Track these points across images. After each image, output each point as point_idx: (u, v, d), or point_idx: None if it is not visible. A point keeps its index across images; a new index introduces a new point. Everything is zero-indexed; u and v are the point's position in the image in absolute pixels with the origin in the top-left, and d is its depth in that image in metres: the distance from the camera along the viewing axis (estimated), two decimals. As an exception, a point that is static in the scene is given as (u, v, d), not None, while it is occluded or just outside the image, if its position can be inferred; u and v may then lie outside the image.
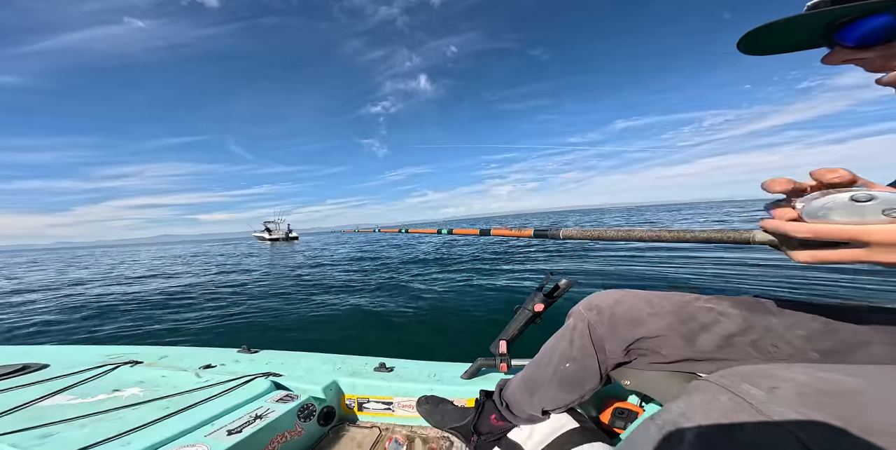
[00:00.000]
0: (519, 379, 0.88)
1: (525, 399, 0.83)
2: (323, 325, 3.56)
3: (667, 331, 0.66)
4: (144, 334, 3.62)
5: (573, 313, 0.79)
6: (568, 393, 0.77)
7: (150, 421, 0.86)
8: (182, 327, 3.78)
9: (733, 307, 0.64)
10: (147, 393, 1.04)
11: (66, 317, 4.65)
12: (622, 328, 0.70)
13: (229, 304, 4.87)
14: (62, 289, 7.60)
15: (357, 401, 1.15)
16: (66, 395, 1.03)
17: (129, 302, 5.44)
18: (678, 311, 0.67)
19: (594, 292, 0.79)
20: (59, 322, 4.39)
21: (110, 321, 4.26)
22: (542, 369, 0.81)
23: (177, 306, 4.93)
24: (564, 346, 0.76)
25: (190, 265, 12.35)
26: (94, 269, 13.34)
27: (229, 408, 0.93)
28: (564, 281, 1.03)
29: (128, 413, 0.92)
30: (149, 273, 10.16)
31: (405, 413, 1.11)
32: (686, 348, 0.65)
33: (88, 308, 5.11)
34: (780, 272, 4.23)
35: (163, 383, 1.12)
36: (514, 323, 1.09)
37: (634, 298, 0.72)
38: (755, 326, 0.60)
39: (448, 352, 2.59)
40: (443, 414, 1.00)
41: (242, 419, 0.87)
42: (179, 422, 0.86)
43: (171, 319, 4.22)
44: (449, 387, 1.11)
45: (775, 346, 0.58)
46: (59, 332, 3.98)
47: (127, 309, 4.93)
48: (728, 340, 0.61)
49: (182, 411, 0.91)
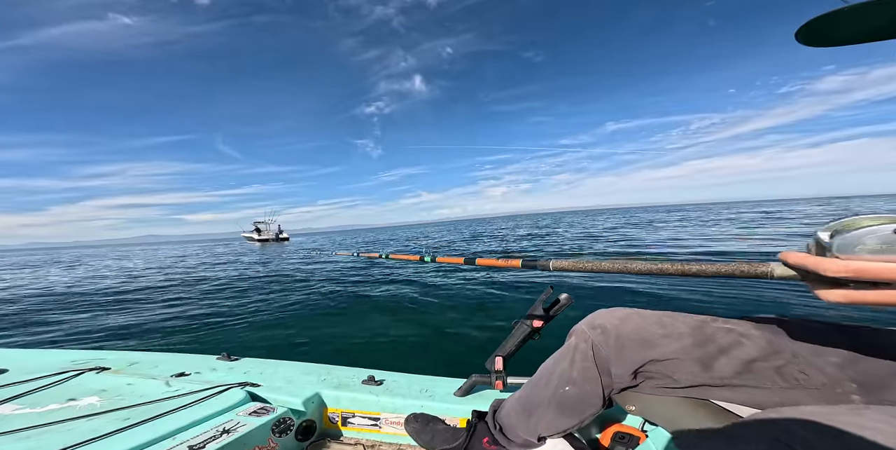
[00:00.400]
0: (515, 400, 0.83)
1: (521, 423, 0.79)
2: (311, 332, 3.44)
3: (680, 354, 0.61)
4: (117, 337, 3.47)
5: (575, 332, 0.75)
6: (567, 418, 0.73)
7: (103, 434, 0.76)
8: (160, 330, 3.64)
9: (756, 329, 0.59)
10: (106, 403, 0.95)
11: (36, 318, 4.48)
12: (630, 350, 0.65)
13: (213, 307, 4.74)
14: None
15: (341, 415, 1.07)
16: (14, 404, 0.93)
17: (109, 303, 5.28)
18: (694, 332, 0.62)
19: (597, 310, 0.75)
20: (21, 324, 4.22)
21: (81, 323, 4.10)
22: (539, 391, 0.76)
23: (158, 308, 4.78)
24: (565, 367, 0.72)
25: (173, 267, 12.07)
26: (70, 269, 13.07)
27: (196, 420, 0.85)
28: (565, 296, 1.00)
29: (80, 425, 0.83)
30: (128, 274, 9.95)
31: (393, 430, 1.03)
32: (701, 373, 0.59)
33: (47, 308, 4.94)
34: (798, 290, 4.17)
35: (127, 392, 1.03)
36: (512, 338, 1.05)
37: (641, 317, 0.68)
38: (781, 350, 0.55)
39: (441, 366, 2.48)
40: (433, 434, 0.93)
41: (208, 434, 0.78)
42: (136, 435, 0.77)
43: (150, 321, 4.07)
44: (441, 404, 1.04)
45: (804, 373, 0.52)
46: (24, 335, 3.81)
47: (105, 310, 4.76)
48: (749, 365, 0.56)
49: (141, 424, 0.82)
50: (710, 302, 3.89)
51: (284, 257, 13.93)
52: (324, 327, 3.62)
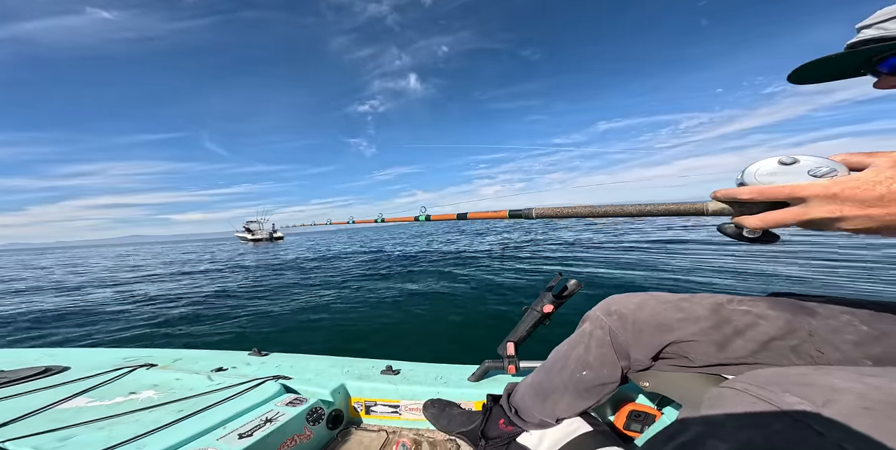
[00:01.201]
0: (528, 384, 0.86)
1: (536, 405, 0.81)
2: (329, 327, 3.59)
3: (698, 337, 0.62)
4: (157, 336, 3.70)
5: (589, 318, 0.75)
6: (584, 400, 0.75)
7: (165, 424, 0.88)
8: (193, 330, 3.86)
9: (772, 309, 0.59)
10: (162, 396, 1.07)
11: (79, 319, 4.78)
12: (648, 335, 0.66)
13: (233, 306, 4.93)
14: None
15: (364, 404, 1.15)
16: (85, 397, 1.06)
17: (133, 303, 5.56)
18: (711, 315, 0.63)
19: (612, 295, 0.75)
20: (68, 324, 4.52)
21: (113, 324, 4.37)
22: (554, 375, 0.78)
23: (184, 309, 5.02)
24: (580, 352, 0.73)
25: (169, 267, 12.35)
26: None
27: (240, 411, 0.95)
28: (573, 282, 1.01)
29: (144, 416, 0.94)
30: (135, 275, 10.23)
31: (412, 416, 1.11)
32: (717, 353, 0.61)
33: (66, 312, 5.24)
34: (807, 264, 4.10)
35: (177, 386, 1.14)
36: (523, 324, 1.07)
37: (657, 301, 0.68)
38: (797, 329, 0.56)
39: (455, 354, 2.59)
40: (450, 418, 1.00)
41: (253, 423, 0.89)
42: (192, 425, 0.88)
43: (180, 321, 4.30)
44: (456, 390, 1.11)
45: (820, 351, 0.53)
46: (72, 334, 4.10)
47: (135, 311, 5.04)
48: (766, 344, 0.57)
49: (195, 414, 0.93)
50: (726, 285, 3.88)
51: (281, 256, 13.99)
52: (341, 321, 3.74)
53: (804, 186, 0.39)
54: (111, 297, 6.46)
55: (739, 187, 0.45)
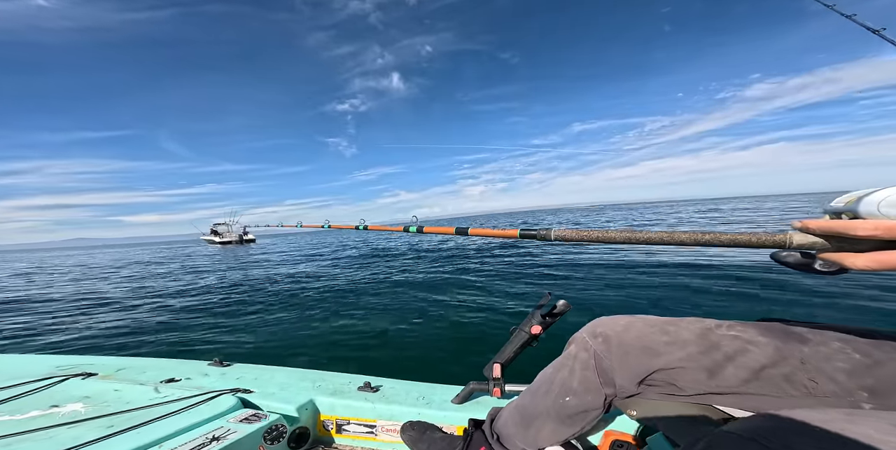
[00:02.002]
0: (513, 409, 0.81)
1: (518, 432, 0.77)
2: (304, 337, 3.39)
3: (686, 362, 0.59)
4: (106, 343, 3.38)
5: (575, 340, 0.73)
6: (567, 428, 0.72)
7: (85, 442, 0.73)
8: (149, 336, 3.56)
9: (762, 335, 0.57)
10: (91, 409, 0.92)
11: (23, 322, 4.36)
12: (634, 359, 0.63)
13: (197, 312, 4.63)
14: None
15: (336, 422, 1.05)
16: None
17: (91, 307, 5.16)
18: (698, 340, 0.60)
19: (599, 317, 0.73)
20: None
21: (66, 329, 4.00)
22: (538, 400, 0.74)
23: (145, 313, 4.68)
24: (565, 376, 0.70)
25: (147, 270, 11.71)
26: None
27: (184, 428, 0.82)
28: (562, 302, 0.99)
29: (61, 432, 0.79)
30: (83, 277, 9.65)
31: (389, 438, 1.01)
32: (707, 381, 0.57)
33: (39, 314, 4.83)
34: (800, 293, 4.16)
35: (113, 399, 0.99)
36: (510, 345, 1.03)
37: (644, 324, 0.66)
38: (789, 357, 0.53)
39: (439, 373, 2.44)
40: (429, 443, 0.91)
41: (196, 441, 0.76)
42: (119, 443, 0.74)
43: (135, 326, 3.98)
44: (438, 412, 1.02)
45: (813, 381, 0.50)
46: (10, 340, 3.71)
47: (90, 315, 4.66)
48: (758, 373, 0.54)
49: (126, 431, 0.79)
50: (715, 306, 3.87)
51: (254, 260, 13.31)
52: (317, 332, 3.58)
53: None
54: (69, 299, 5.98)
55: (856, 221, 0.36)
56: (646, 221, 17.76)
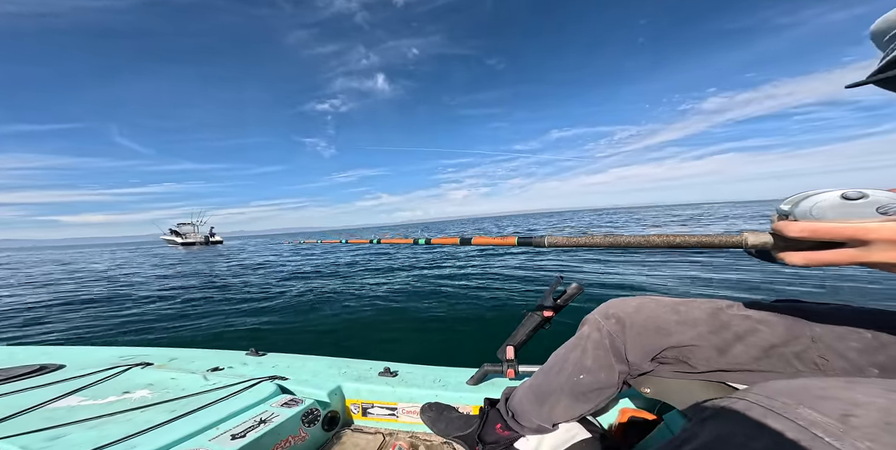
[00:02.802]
0: (527, 388, 0.85)
1: (533, 409, 0.80)
2: (328, 327, 3.58)
3: (697, 341, 0.61)
4: (152, 335, 3.69)
5: (588, 321, 0.75)
6: (581, 404, 0.74)
7: (157, 424, 0.86)
8: (190, 328, 3.85)
9: (773, 315, 0.58)
10: (156, 395, 1.06)
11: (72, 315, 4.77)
12: (646, 338, 0.65)
13: (230, 305, 4.91)
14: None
15: (361, 406, 1.14)
16: (79, 396, 1.05)
17: (123, 302, 5.54)
18: (709, 319, 0.62)
19: (610, 299, 0.75)
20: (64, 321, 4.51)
21: (108, 321, 4.35)
22: (552, 379, 0.77)
23: (178, 308, 5.02)
24: (578, 355, 0.72)
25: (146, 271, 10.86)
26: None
27: (234, 412, 0.93)
28: (574, 285, 1.00)
29: (136, 415, 0.93)
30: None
31: (409, 419, 1.10)
32: (718, 359, 0.60)
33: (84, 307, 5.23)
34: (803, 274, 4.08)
35: (171, 386, 1.13)
36: (523, 328, 1.06)
37: (656, 304, 0.68)
38: (799, 336, 0.54)
39: (454, 357, 2.57)
40: (447, 422, 0.98)
41: (247, 424, 0.87)
42: (185, 425, 0.86)
43: (174, 320, 4.29)
44: (454, 393, 1.10)
45: (824, 358, 0.52)
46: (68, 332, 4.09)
47: (129, 310, 5.04)
48: (768, 351, 0.56)
49: (188, 414, 0.92)
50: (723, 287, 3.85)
51: (242, 260, 12.50)
52: (338, 323, 3.73)
53: (871, 228, 0.35)
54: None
55: (788, 222, 0.40)
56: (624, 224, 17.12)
